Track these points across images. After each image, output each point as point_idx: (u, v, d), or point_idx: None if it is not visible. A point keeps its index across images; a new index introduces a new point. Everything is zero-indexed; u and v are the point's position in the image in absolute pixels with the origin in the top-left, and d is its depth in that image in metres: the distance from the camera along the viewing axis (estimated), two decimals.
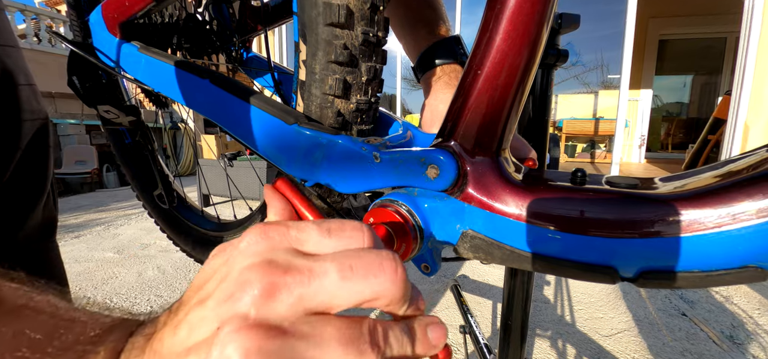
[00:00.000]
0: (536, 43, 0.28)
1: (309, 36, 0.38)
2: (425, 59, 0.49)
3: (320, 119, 0.40)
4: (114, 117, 0.65)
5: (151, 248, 2.69)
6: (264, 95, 0.44)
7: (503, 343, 0.67)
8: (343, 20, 0.36)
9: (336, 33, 0.37)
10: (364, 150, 0.34)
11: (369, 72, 0.40)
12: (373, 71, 0.40)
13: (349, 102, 0.40)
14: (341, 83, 0.38)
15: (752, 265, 0.24)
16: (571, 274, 0.28)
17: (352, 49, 0.38)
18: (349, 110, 0.40)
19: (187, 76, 0.49)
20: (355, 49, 0.38)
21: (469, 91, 0.29)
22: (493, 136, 0.29)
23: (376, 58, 0.41)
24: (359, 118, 0.42)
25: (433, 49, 0.48)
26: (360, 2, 0.36)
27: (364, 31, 0.38)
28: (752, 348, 1.47)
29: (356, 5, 0.36)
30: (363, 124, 0.43)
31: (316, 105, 0.39)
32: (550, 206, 0.27)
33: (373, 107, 0.43)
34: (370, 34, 0.38)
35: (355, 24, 0.37)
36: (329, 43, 0.37)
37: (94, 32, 0.63)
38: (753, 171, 0.25)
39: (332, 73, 0.38)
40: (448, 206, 0.30)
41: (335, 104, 0.39)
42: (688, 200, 0.26)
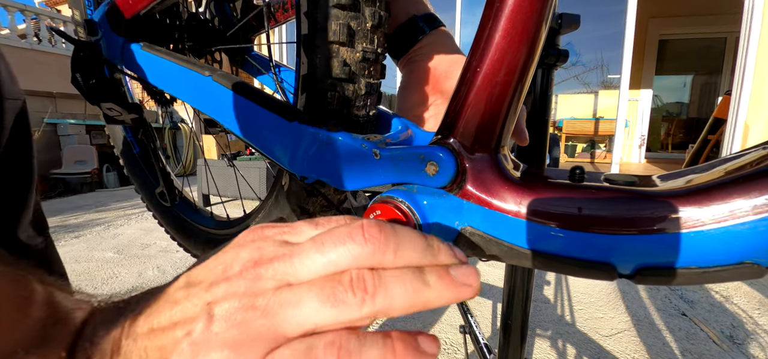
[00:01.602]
0: (535, 41, 0.28)
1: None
2: (410, 29, 0.46)
3: (325, 71, 0.39)
4: (117, 115, 0.65)
5: (151, 249, 2.70)
6: (265, 93, 0.44)
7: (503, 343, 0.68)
8: None
9: None
10: (364, 147, 0.34)
11: (373, 17, 0.38)
12: (377, 17, 0.39)
13: (355, 50, 0.38)
14: (345, 29, 0.37)
15: (749, 261, 0.24)
16: (569, 271, 0.28)
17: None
18: (355, 60, 0.39)
19: (190, 74, 0.49)
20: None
21: (468, 88, 0.29)
22: (491, 133, 0.30)
23: (380, 3, 0.39)
24: (367, 70, 0.40)
25: (424, 19, 0.46)
26: None
27: None
28: (752, 348, 1.47)
29: None
30: (371, 77, 0.41)
31: (321, 57, 0.38)
32: (549, 203, 0.27)
33: (380, 59, 0.41)
34: None
35: None
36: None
37: (98, 30, 0.63)
38: (750, 168, 0.26)
39: (335, 19, 0.36)
40: (446, 202, 0.30)
41: (341, 54, 0.38)
42: (686, 197, 0.26)
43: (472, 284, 0.17)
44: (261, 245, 0.19)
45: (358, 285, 0.16)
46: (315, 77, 0.39)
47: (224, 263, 0.19)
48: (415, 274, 0.17)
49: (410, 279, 0.17)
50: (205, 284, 0.18)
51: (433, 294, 0.17)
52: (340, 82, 0.39)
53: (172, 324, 0.17)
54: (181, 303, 0.18)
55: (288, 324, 0.16)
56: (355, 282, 0.16)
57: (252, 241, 0.19)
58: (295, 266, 0.18)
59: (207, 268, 0.19)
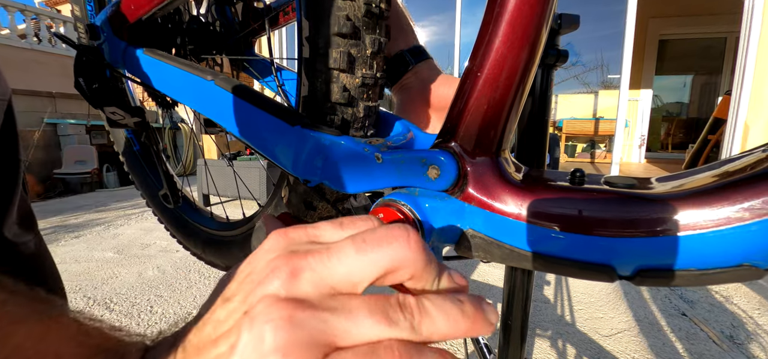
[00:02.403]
0: (535, 45, 0.28)
1: (311, 9, 0.37)
2: (399, 63, 0.52)
3: (325, 95, 0.40)
4: (120, 118, 0.66)
5: (151, 248, 2.70)
6: (267, 97, 0.44)
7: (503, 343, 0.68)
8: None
9: (338, 4, 0.36)
10: (366, 151, 0.35)
11: (373, 45, 0.39)
12: (377, 44, 0.40)
13: (355, 76, 0.40)
14: (346, 56, 0.38)
15: (747, 264, 0.25)
16: (570, 273, 0.28)
17: (356, 20, 0.37)
18: (354, 85, 0.40)
19: (191, 78, 0.49)
20: (358, 21, 0.37)
21: (469, 93, 0.29)
22: (492, 137, 0.30)
23: (380, 30, 0.40)
24: (365, 94, 0.41)
25: (411, 52, 0.52)
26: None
27: (366, 2, 0.37)
28: (752, 348, 1.48)
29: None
30: (369, 100, 0.42)
31: (322, 81, 0.39)
32: (549, 206, 0.28)
33: (378, 83, 0.43)
34: (372, 4, 0.38)
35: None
36: (332, 15, 0.36)
37: (101, 34, 0.64)
38: (749, 171, 0.26)
39: (336, 46, 0.37)
40: (448, 206, 0.30)
41: (341, 79, 0.39)
42: (685, 199, 0.26)
43: (495, 322, 0.18)
44: (289, 246, 0.18)
45: (406, 308, 0.16)
46: (315, 99, 0.41)
47: (255, 267, 0.18)
48: (455, 304, 0.17)
49: (450, 307, 0.17)
50: (241, 294, 0.17)
51: (468, 325, 0.17)
52: (339, 106, 0.41)
53: (214, 341, 0.17)
54: (221, 318, 0.17)
55: (340, 335, 0.16)
56: (404, 305, 0.16)
57: (278, 243, 0.19)
58: (334, 266, 0.17)
59: (239, 278, 0.18)
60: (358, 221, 0.20)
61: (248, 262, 0.19)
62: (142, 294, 1.97)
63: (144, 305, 1.84)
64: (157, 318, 1.70)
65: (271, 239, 0.19)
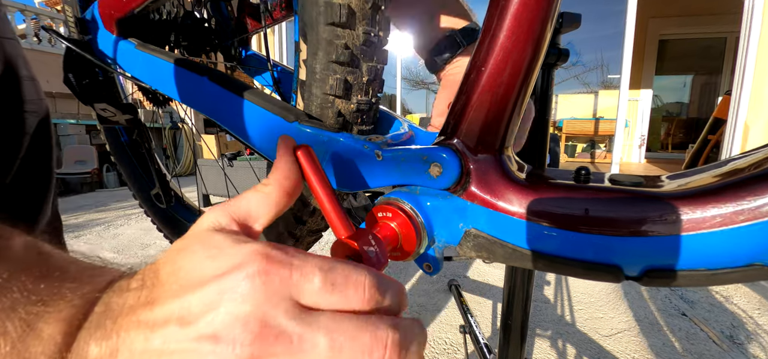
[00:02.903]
0: (540, 40, 0.28)
1: (310, 35, 0.38)
2: (448, 45, 0.45)
3: (320, 118, 0.40)
4: (111, 115, 0.65)
5: (151, 248, 2.69)
6: (264, 93, 0.43)
7: (503, 343, 0.67)
8: (345, 20, 0.35)
9: (337, 33, 0.36)
10: (366, 148, 0.34)
11: (370, 72, 0.40)
12: (374, 71, 0.40)
13: (350, 102, 0.40)
14: (342, 83, 0.38)
15: (758, 263, 0.24)
16: (575, 273, 0.27)
17: (354, 49, 0.37)
18: (349, 111, 0.40)
19: (186, 74, 0.48)
20: (356, 49, 0.38)
21: (472, 88, 0.29)
22: (496, 134, 0.29)
23: (378, 58, 0.40)
24: (360, 118, 0.42)
25: (462, 33, 0.45)
26: (362, 2, 0.36)
27: (365, 31, 0.37)
28: (752, 348, 1.47)
29: (358, 5, 0.36)
30: (363, 124, 0.42)
31: (317, 105, 0.39)
32: (554, 205, 0.27)
33: (373, 107, 0.43)
34: (371, 34, 0.38)
35: (356, 24, 0.37)
36: (330, 43, 0.36)
37: (90, 29, 0.62)
38: (757, 169, 0.25)
39: (333, 73, 0.38)
40: (450, 204, 0.30)
41: (336, 104, 0.39)
42: (693, 198, 0.25)
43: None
44: (264, 318, 0.16)
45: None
46: (310, 118, 0.41)
47: (219, 322, 0.16)
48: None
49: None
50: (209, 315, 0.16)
51: None
52: (335, 127, 0.41)
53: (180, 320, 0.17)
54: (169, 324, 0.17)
55: None
56: None
57: (256, 301, 0.17)
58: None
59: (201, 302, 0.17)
60: (351, 284, 0.18)
61: (219, 285, 0.17)
62: None
63: None
64: None
65: (250, 276, 0.17)
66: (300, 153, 0.26)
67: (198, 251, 0.18)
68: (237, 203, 0.22)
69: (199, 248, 0.19)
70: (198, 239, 0.19)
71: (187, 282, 0.18)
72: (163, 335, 0.16)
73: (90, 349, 0.17)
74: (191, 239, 0.20)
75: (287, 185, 0.24)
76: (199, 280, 0.17)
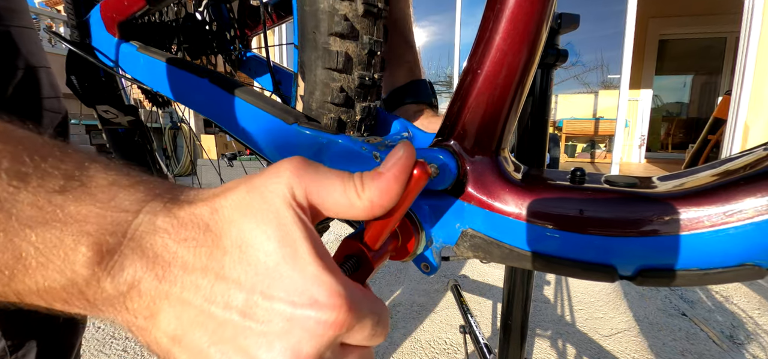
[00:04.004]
0: (536, 42, 0.28)
1: (307, 75, 0.38)
2: (398, 96, 0.52)
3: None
4: (113, 117, 0.65)
5: None
6: (263, 95, 0.44)
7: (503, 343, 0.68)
8: (342, 66, 0.36)
9: (334, 76, 0.37)
10: (364, 149, 0.34)
11: (363, 112, 0.41)
12: (366, 111, 0.42)
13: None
14: (336, 122, 0.39)
15: (749, 263, 0.24)
16: (570, 273, 0.28)
17: (349, 91, 0.39)
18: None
19: (187, 76, 0.49)
20: (351, 92, 0.39)
21: (469, 90, 0.29)
22: (492, 135, 0.29)
23: (371, 97, 0.42)
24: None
25: (410, 87, 0.52)
26: (359, 49, 0.37)
27: (360, 76, 0.38)
28: (752, 348, 1.47)
29: (355, 52, 0.37)
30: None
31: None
32: (550, 205, 0.27)
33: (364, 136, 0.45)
34: (366, 77, 0.39)
35: (353, 69, 0.38)
36: (327, 85, 0.37)
37: (92, 31, 0.63)
38: (750, 169, 0.26)
39: (328, 112, 0.39)
40: (447, 205, 0.30)
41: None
42: (687, 198, 0.26)
43: None
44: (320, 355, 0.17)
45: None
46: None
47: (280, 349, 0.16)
48: None
49: None
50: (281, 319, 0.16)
51: None
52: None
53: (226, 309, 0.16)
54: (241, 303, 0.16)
55: None
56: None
57: (319, 343, 0.17)
58: None
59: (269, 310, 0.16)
60: (376, 338, 0.20)
61: (292, 301, 0.16)
62: None
63: None
64: None
65: (326, 312, 0.16)
66: (416, 174, 0.22)
67: (272, 240, 0.17)
68: (318, 181, 0.19)
69: (274, 234, 0.17)
70: (272, 220, 0.17)
71: (257, 277, 0.17)
72: (223, 318, 0.16)
73: (144, 280, 0.16)
74: (263, 213, 0.17)
75: (376, 208, 0.21)
76: (270, 285, 0.17)
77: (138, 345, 1.44)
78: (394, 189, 0.21)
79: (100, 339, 1.48)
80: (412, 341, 1.49)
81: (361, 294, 0.19)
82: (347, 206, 0.20)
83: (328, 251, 0.19)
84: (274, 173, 0.19)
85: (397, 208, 0.22)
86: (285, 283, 0.16)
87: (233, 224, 0.17)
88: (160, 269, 0.16)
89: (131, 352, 1.40)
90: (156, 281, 0.16)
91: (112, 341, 1.46)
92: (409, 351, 1.43)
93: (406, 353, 1.42)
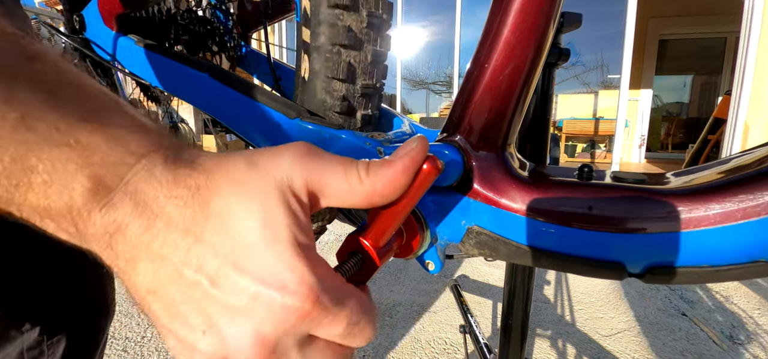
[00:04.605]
0: (544, 37, 0.27)
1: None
2: None
3: (322, 109, 0.40)
4: None
5: None
6: (265, 90, 0.43)
7: (503, 343, 0.67)
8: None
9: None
10: (368, 145, 0.34)
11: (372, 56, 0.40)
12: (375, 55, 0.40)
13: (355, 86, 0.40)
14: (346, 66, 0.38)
15: (762, 259, 0.24)
16: (578, 270, 0.27)
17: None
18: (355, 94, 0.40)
19: (187, 71, 0.48)
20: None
21: (475, 84, 0.28)
22: (498, 130, 0.29)
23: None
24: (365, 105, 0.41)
25: None
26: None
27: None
28: (752, 348, 1.47)
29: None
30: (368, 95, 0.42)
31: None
32: (557, 202, 0.27)
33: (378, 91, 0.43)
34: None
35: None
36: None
37: (89, 24, 0.62)
38: (761, 166, 0.25)
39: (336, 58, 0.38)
40: (453, 201, 0.30)
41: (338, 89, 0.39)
42: (697, 195, 0.25)
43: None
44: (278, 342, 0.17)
45: None
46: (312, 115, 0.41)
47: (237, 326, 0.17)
48: None
49: None
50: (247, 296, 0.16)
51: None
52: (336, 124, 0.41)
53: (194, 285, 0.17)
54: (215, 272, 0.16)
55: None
56: None
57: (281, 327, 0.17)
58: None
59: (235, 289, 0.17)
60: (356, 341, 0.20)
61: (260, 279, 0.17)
62: None
63: None
64: None
65: (293, 297, 0.17)
66: (426, 169, 0.21)
67: (255, 219, 0.17)
68: (320, 170, 0.19)
69: (258, 213, 0.17)
70: (260, 199, 0.17)
71: (231, 249, 0.17)
72: (193, 280, 0.17)
73: (130, 226, 0.16)
74: (253, 191, 0.18)
75: (376, 196, 0.20)
76: (243, 259, 0.17)
77: (138, 345, 1.44)
78: (401, 180, 0.20)
79: None
80: (412, 341, 1.49)
81: (341, 290, 0.18)
82: (347, 191, 0.20)
83: (313, 245, 0.19)
84: (277, 156, 0.19)
85: (404, 203, 0.22)
86: (257, 261, 0.17)
87: (222, 195, 0.17)
88: (147, 219, 0.16)
89: (131, 352, 1.39)
90: (141, 230, 0.16)
91: (112, 341, 1.46)
92: (409, 351, 1.43)
93: (406, 353, 1.42)
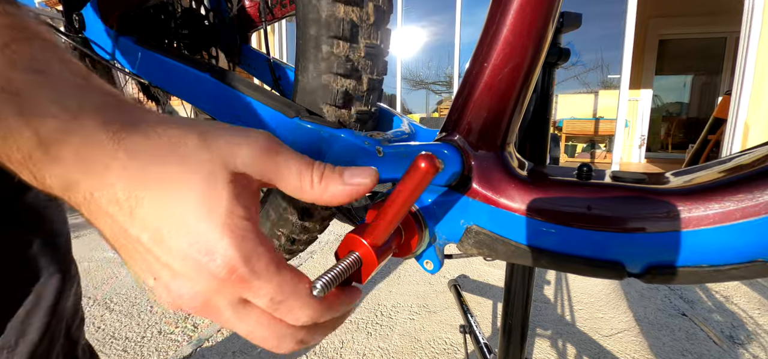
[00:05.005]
0: (543, 36, 0.27)
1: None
2: None
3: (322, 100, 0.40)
4: None
5: None
6: (264, 88, 0.43)
7: (504, 342, 0.67)
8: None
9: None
10: (367, 144, 0.34)
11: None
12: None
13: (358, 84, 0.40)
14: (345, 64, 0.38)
15: (761, 259, 0.24)
16: (577, 270, 0.27)
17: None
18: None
19: (186, 70, 0.48)
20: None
21: (474, 84, 0.28)
22: (497, 130, 0.29)
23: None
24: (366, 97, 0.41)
25: None
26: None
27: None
28: (752, 348, 1.47)
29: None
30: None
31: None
32: (557, 202, 0.27)
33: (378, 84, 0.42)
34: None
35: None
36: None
37: (89, 23, 0.62)
38: (761, 165, 0.25)
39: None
40: (452, 201, 0.30)
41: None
42: (696, 194, 0.25)
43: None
44: (212, 299, 0.20)
45: None
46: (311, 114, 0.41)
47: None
48: None
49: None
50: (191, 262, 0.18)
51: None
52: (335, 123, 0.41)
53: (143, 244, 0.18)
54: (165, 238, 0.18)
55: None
56: None
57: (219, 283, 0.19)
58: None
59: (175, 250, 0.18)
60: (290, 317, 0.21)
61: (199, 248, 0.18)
62: (143, 293, 1.96)
63: (144, 305, 1.83)
64: (157, 318, 1.69)
65: (229, 261, 0.18)
66: (424, 168, 0.22)
67: (195, 190, 0.18)
68: (276, 166, 0.21)
69: (199, 187, 0.18)
70: (203, 174, 0.19)
71: (168, 216, 0.18)
72: (135, 236, 0.18)
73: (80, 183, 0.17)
74: (199, 165, 0.19)
75: (322, 202, 0.22)
76: (179, 225, 0.18)
77: (138, 345, 1.44)
78: (344, 200, 0.23)
79: (100, 339, 1.47)
80: (412, 341, 1.49)
81: (268, 269, 0.19)
82: (298, 191, 0.22)
83: (254, 225, 0.20)
84: (234, 145, 0.20)
85: (402, 203, 0.22)
86: (190, 229, 0.18)
87: (169, 164, 0.18)
88: (93, 179, 0.18)
89: (131, 352, 1.39)
90: (89, 190, 0.18)
91: (112, 341, 1.46)
92: (409, 351, 1.43)
93: (406, 353, 1.42)
